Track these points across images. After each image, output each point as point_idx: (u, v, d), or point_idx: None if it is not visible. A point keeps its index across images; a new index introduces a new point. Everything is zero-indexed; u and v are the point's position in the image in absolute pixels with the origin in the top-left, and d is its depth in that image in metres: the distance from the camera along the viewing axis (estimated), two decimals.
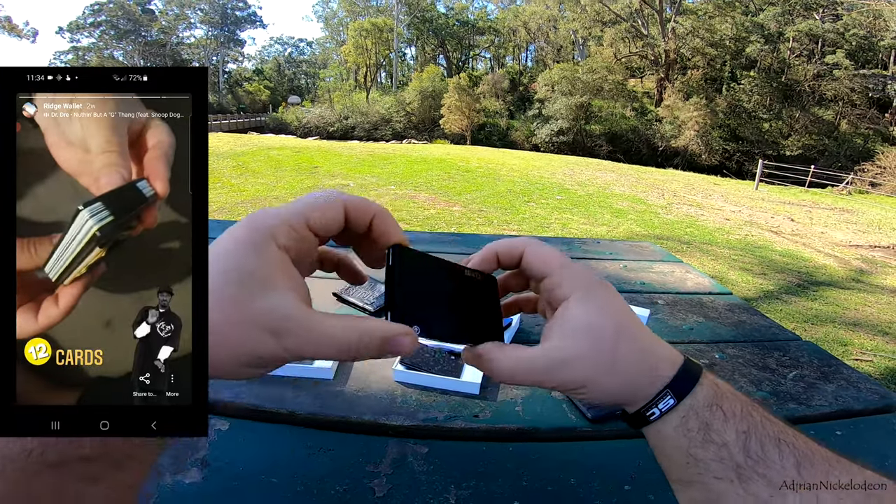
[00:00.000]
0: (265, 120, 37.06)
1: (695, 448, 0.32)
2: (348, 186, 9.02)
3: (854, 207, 11.26)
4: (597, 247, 1.73)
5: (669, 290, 1.34)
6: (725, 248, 6.21)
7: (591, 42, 35.73)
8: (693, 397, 0.33)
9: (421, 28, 44.50)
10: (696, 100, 26.67)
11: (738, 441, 0.31)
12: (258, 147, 14.74)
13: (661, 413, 0.33)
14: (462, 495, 0.61)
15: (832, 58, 26.65)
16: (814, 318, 4.02)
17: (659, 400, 0.33)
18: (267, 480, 0.61)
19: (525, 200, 8.54)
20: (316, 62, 56.12)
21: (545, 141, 28.13)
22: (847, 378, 0.94)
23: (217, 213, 6.82)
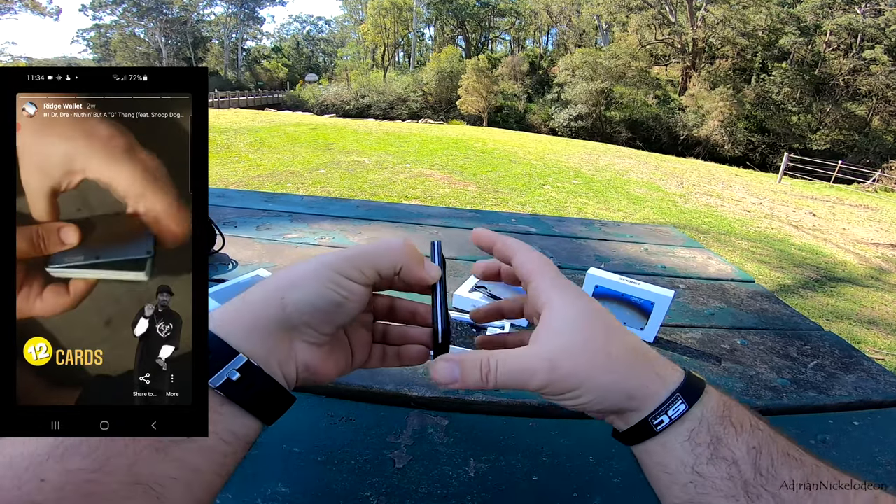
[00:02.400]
0: (282, 97, 37.01)
1: (702, 465, 0.29)
2: (364, 163, 9.01)
3: (879, 205, 10.99)
4: (617, 229, 1.71)
5: (691, 274, 1.32)
6: (744, 240, 6.12)
7: (615, 28, 34.90)
8: (703, 406, 0.30)
9: (441, 8, 43.77)
10: (723, 90, 26.02)
11: (748, 457, 0.29)
12: (275, 123, 14.78)
13: (670, 421, 0.30)
14: (481, 468, 0.61)
15: (870, 53, 25.74)
16: (829, 313, 3.97)
17: (668, 406, 0.30)
18: (288, 449, 0.61)
19: (541, 183, 8.47)
20: (334, 40, 55.79)
21: (563, 125, 27.78)
22: (867, 370, 0.92)
23: (234, 184, 6.88)
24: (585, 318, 0.33)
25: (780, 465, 0.29)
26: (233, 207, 1.54)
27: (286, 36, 57.68)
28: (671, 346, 0.93)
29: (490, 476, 0.60)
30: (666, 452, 0.31)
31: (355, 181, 7.42)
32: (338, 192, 6.66)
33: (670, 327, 1.00)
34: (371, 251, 0.35)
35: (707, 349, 0.93)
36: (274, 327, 0.31)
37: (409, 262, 0.36)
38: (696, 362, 0.88)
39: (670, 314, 1.03)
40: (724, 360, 0.89)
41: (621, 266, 1.34)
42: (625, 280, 0.90)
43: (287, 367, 0.32)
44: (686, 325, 1.02)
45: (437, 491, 0.58)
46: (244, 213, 1.48)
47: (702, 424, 0.30)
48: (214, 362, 0.29)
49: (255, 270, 1.01)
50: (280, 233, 1.34)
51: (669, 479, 0.31)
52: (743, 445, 0.29)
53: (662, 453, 0.31)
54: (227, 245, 1.19)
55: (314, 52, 56.92)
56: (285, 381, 0.32)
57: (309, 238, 1.32)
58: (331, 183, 7.22)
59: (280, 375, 0.32)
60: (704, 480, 0.29)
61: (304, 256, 1.18)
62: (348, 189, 6.89)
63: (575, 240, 1.55)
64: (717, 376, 0.84)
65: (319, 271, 0.33)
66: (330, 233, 1.37)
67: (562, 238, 1.55)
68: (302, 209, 1.59)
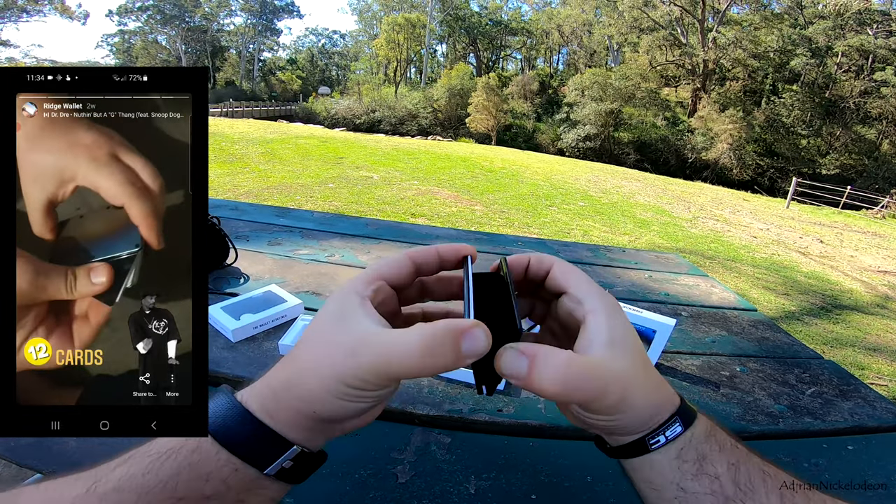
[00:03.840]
0: (295, 109, 37.57)
1: (686, 481, 0.31)
2: (372, 178, 9.09)
3: (887, 232, 10.91)
4: (622, 255, 1.73)
5: (694, 302, 1.34)
6: (750, 266, 6.10)
7: (626, 48, 35.21)
8: (694, 429, 0.32)
9: (453, 25, 44.43)
10: (733, 112, 26.11)
11: (728, 473, 0.30)
12: (287, 135, 14.94)
13: (666, 441, 0.31)
14: (482, 486, 0.63)
15: (881, 74, 25.81)
16: (833, 340, 3.95)
17: (667, 427, 0.31)
18: None
19: (547, 204, 8.49)
20: (348, 54, 56.55)
21: (571, 146, 27.90)
22: (864, 397, 0.93)
23: (244, 195, 6.95)
24: (627, 335, 0.32)
25: (756, 479, 0.31)
26: (245, 221, 1.58)
27: (301, 48, 58.73)
28: (671, 371, 0.94)
29: (490, 493, 0.62)
30: (653, 470, 0.32)
31: (363, 196, 7.48)
32: (345, 207, 6.72)
33: (671, 353, 1.02)
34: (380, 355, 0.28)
35: (706, 375, 0.95)
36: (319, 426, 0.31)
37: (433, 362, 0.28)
38: (695, 388, 0.90)
39: (672, 341, 1.05)
40: (723, 387, 0.91)
41: (625, 293, 1.36)
42: (628, 307, 0.93)
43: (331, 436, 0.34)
44: (687, 352, 1.04)
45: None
46: (256, 228, 1.52)
47: (691, 444, 0.31)
48: (269, 451, 0.30)
49: (267, 286, 1.04)
50: (291, 248, 1.37)
51: (656, 493, 0.32)
52: (724, 462, 0.31)
53: (649, 471, 0.32)
54: (240, 259, 1.22)
55: (328, 66, 57.77)
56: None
57: (319, 255, 1.35)
58: (339, 198, 7.28)
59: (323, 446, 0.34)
60: (688, 496, 0.31)
61: (314, 273, 1.22)
62: (356, 204, 6.95)
63: (580, 265, 1.57)
64: (716, 402, 0.86)
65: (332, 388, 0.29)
66: (339, 250, 1.40)
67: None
68: (312, 225, 1.62)
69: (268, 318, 0.92)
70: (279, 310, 0.95)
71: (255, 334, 0.90)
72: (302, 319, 0.94)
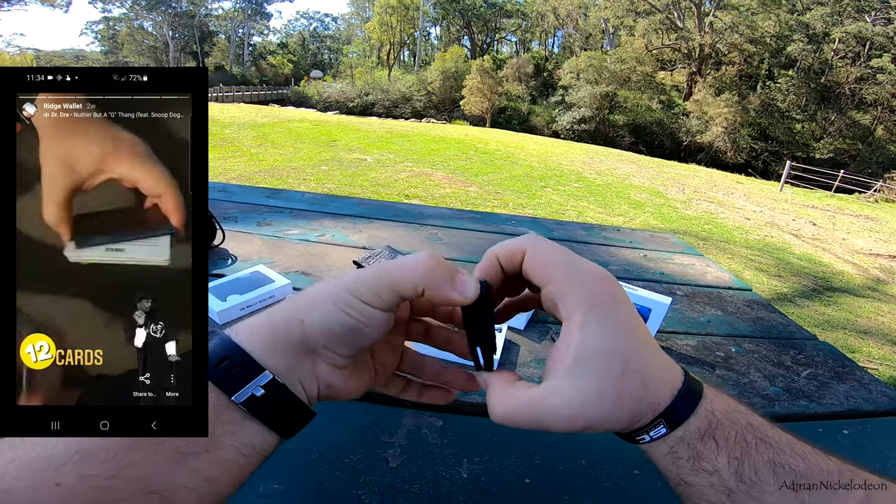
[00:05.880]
0: (287, 93, 37.04)
1: (685, 474, 0.31)
2: (366, 161, 9.02)
3: (879, 216, 10.99)
4: (617, 234, 1.71)
5: (689, 281, 1.32)
6: (743, 248, 6.12)
7: (621, 32, 34.88)
8: (685, 428, 0.31)
9: (447, 7, 43.81)
10: (728, 96, 26.07)
11: (729, 467, 0.30)
12: (279, 119, 14.77)
13: (650, 439, 0.31)
14: (474, 469, 0.62)
15: (878, 61, 25.77)
16: (825, 322, 3.98)
17: (651, 428, 0.31)
18: (282, 446, 0.62)
19: (542, 186, 8.47)
20: (340, 38, 55.78)
21: (566, 128, 27.79)
22: (860, 380, 0.93)
23: (236, 179, 6.87)
24: (604, 349, 0.30)
25: (763, 472, 0.30)
26: (234, 202, 1.54)
27: (292, 32, 57.77)
28: (667, 352, 0.93)
29: (483, 477, 0.61)
30: (652, 458, 0.33)
31: (356, 179, 7.42)
32: (339, 189, 6.66)
33: (666, 333, 1.00)
34: (389, 271, 0.31)
35: (702, 356, 0.94)
36: (296, 346, 0.31)
37: (432, 282, 0.31)
38: (691, 369, 0.89)
39: (667, 321, 1.04)
40: (719, 368, 0.90)
41: (620, 271, 1.34)
42: (624, 286, 0.91)
43: (309, 385, 0.33)
44: (682, 332, 1.03)
45: (430, 491, 0.58)
46: (245, 209, 1.49)
47: (681, 442, 0.31)
48: (240, 377, 0.29)
49: (255, 266, 1.01)
50: (280, 229, 1.34)
51: (663, 475, 0.33)
52: (724, 458, 0.30)
53: (650, 456, 0.33)
54: (227, 240, 1.19)
55: (320, 49, 56.90)
56: (307, 397, 0.33)
57: (309, 235, 1.32)
58: (332, 180, 7.22)
59: (302, 392, 0.32)
60: (689, 485, 0.31)
61: (304, 253, 1.19)
62: (349, 186, 6.89)
63: (574, 244, 1.56)
64: (711, 384, 0.84)
65: (337, 293, 0.31)
66: (330, 230, 1.38)
67: (561, 242, 1.56)
68: (303, 206, 1.59)
69: (255, 298, 0.90)
70: (267, 290, 0.92)
71: (242, 315, 0.88)
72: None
